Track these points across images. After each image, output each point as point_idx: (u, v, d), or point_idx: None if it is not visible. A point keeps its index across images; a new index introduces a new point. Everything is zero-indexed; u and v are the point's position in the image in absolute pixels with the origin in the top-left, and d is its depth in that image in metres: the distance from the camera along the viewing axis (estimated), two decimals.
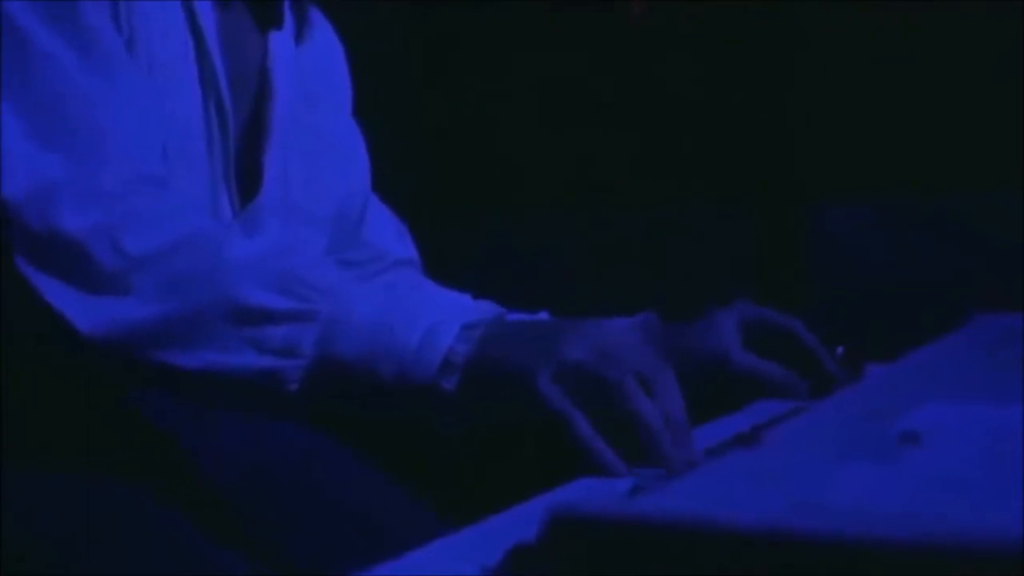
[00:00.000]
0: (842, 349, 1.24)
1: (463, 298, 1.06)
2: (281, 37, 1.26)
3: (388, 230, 1.45)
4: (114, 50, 1.08)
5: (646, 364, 0.94)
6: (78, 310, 1.01)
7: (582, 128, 2.68)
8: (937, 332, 1.05)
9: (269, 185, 1.23)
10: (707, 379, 1.20)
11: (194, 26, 1.15)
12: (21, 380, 1.10)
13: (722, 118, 2.59)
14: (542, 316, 1.33)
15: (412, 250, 1.47)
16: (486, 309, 1.03)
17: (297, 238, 1.25)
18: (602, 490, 0.85)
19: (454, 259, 1.53)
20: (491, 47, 2.77)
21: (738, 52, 2.57)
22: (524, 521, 0.62)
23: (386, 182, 1.47)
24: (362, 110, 1.44)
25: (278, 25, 1.25)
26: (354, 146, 1.42)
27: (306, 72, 1.29)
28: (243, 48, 1.22)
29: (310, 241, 1.30)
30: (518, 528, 0.63)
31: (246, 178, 1.22)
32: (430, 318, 0.98)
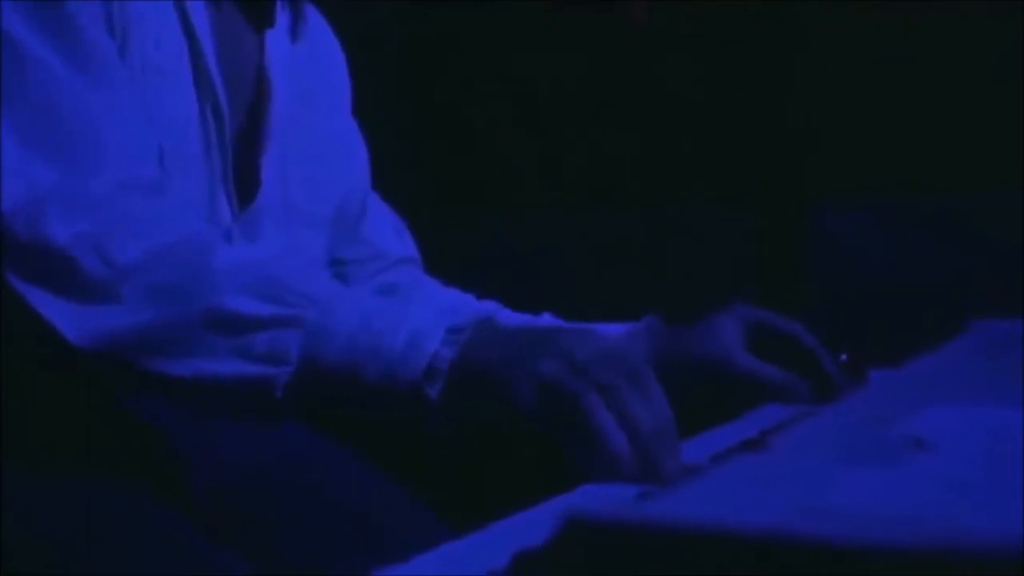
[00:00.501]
0: (846, 354, 1.24)
1: (461, 298, 1.06)
2: (276, 35, 1.26)
3: (388, 228, 1.45)
4: (106, 55, 1.07)
5: (621, 376, 0.92)
6: (67, 321, 1.00)
7: (582, 128, 2.68)
8: (936, 332, 1.05)
9: (268, 187, 1.23)
10: (709, 382, 1.20)
11: (187, 27, 1.15)
12: (21, 381, 1.09)
13: (722, 118, 2.59)
14: (545, 318, 1.33)
15: (412, 248, 1.47)
16: (483, 310, 1.03)
17: (296, 241, 1.25)
18: (608, 496, 0.85)
19: (454, 259, 1.53)
20: (491, 47, 2.76)
21: (738, 52, 2.57)
22: (530, 526, 0.62)
23: (386, 182, 1.47)
24: (362, 110, 1.44)
25: (270, 24, 1.25)
26: (352, 144, 1.42)
27: (302, 70, 1.29)
28: (238, 48, 1.22)
29: (309, 243, 1.29)
30: (524, 533, 0.63)
31: (244, 180, 1.21)
32: (415, 322, 0.97)
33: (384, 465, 1.29)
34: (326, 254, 1.36)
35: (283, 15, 1.27)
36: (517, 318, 1.31)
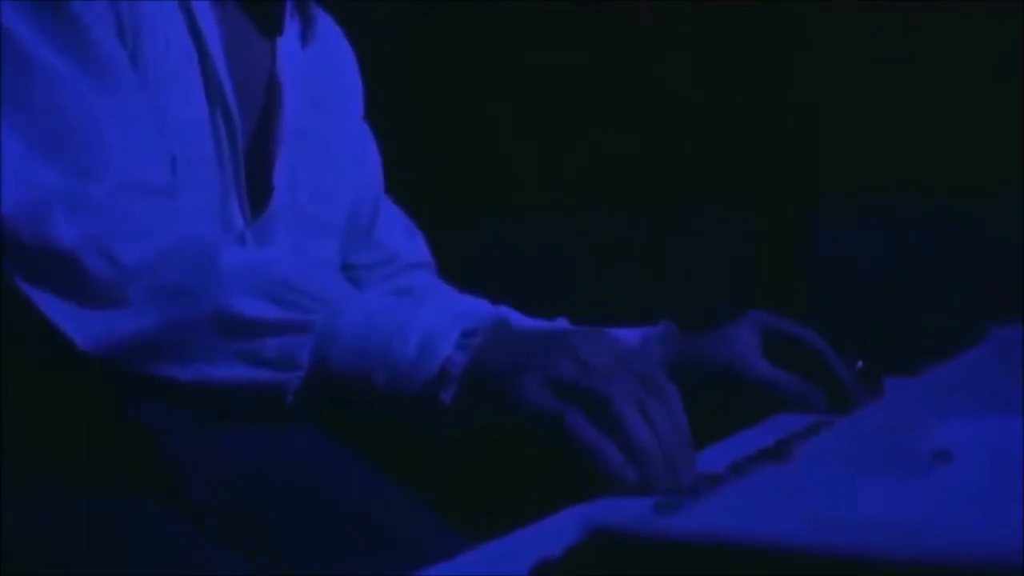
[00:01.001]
0: (862, 363, 1.23)
1: (474, 302, 1.06)
2: (286, 41, 1.25)
3: (400, 231, 1.45)
4: (114, 60, 1.06)
5: (637, 380, 0.91)
6: (74, 324, 1.00)
7: (583, 128, 2.68)
8: (936, 332, 1.05)
9: (280, 193, 1.22)
10: (724, 389, 1.20)
11: (194, 30, 1.14)
12: (21, 382, 1.09)
13: (723, 118, 2.59)
14: (560, 323, 1.32)
15: (425, 252, 1.47)
16: (496, 315, 1.02)
17: (308, 246, 1.25)
18: (625, 506, 0.84)
19: (454, 259, 1.52)
20: (492, 47, 2.76)
21: (738, 52, 2.57)
22: (548, 536, 0.61)
23: (386, 182, 1.47)
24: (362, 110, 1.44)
25: (279, 31, 1.24)
26: (364, 148, 1.42)
27: (313, 75, 1.28)
28: (248, 54, 1.21)
29: (321, 248, 1.29)
30: (543, 543, 0.63)
31: (256, 187, 1.21)
32: (428, 325, 0.97)
33: (384, 465, 1.28)
34: (338, 259, 1.36)
35: (293, 20, 1.27)
36: (531, 323, 1.31)
